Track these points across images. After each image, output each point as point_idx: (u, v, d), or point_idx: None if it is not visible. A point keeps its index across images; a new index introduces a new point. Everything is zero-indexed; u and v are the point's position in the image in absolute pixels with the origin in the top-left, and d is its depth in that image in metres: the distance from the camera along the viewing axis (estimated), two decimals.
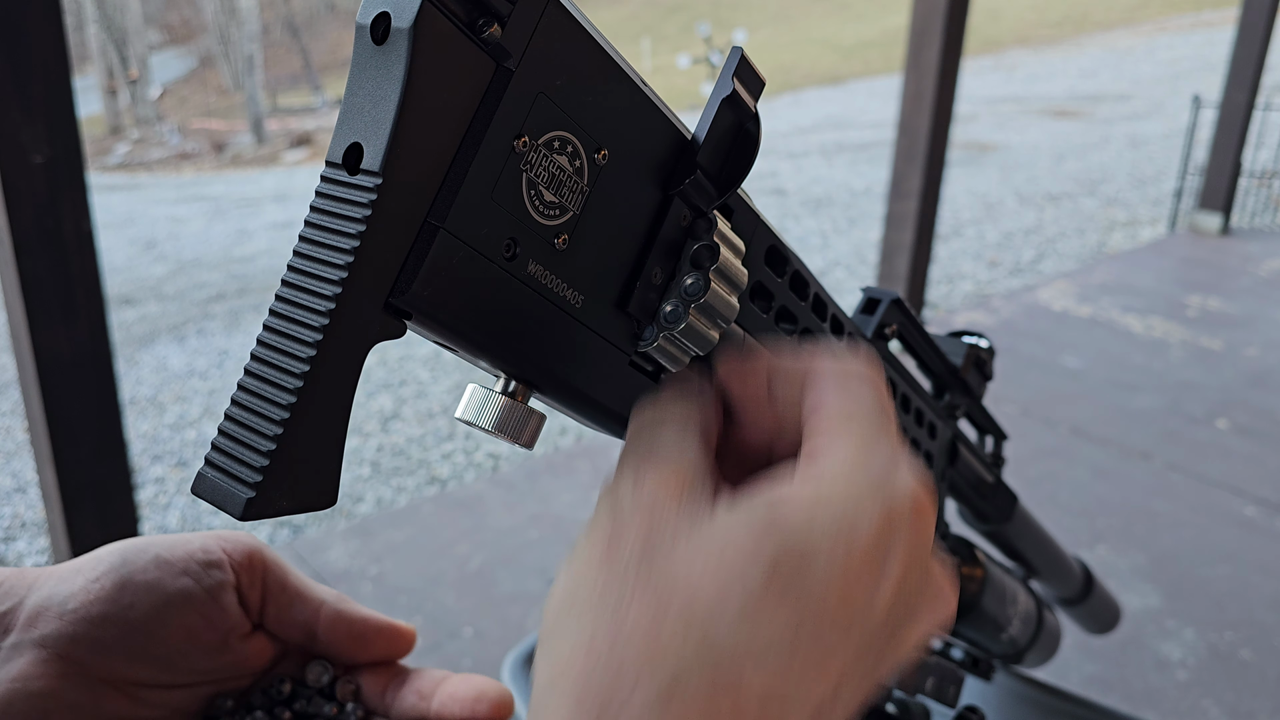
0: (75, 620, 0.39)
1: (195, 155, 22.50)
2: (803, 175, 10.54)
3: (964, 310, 5.39)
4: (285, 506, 0.28)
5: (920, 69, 3.87)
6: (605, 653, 0.28)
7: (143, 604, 0.41)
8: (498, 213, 0.31)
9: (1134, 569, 2.85)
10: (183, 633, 0.42)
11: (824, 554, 0.29)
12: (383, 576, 2.86)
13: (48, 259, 2.04)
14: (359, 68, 0.29)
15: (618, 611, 0.29)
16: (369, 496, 3.93)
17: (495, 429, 0.34)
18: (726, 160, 0.37)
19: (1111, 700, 2.28)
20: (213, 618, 0.42)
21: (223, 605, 0.43)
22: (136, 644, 0.40)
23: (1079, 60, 19.76)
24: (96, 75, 30.21)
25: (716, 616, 0.28)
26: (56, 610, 0.39)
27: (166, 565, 0.42)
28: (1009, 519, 0.74)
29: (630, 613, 0.29)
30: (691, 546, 0.29)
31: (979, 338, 0.66)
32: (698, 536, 0.30)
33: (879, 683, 0.32)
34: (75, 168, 2.03)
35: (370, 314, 0.29)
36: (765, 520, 0.30)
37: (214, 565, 0.43)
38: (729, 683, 0.28)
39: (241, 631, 0.44)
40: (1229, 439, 3.68)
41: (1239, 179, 6.45)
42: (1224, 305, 5.21)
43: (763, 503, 0.31)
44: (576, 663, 0.29)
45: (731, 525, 0.30)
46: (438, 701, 0.45)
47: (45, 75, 1.93)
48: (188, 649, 0.42)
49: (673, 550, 0.30)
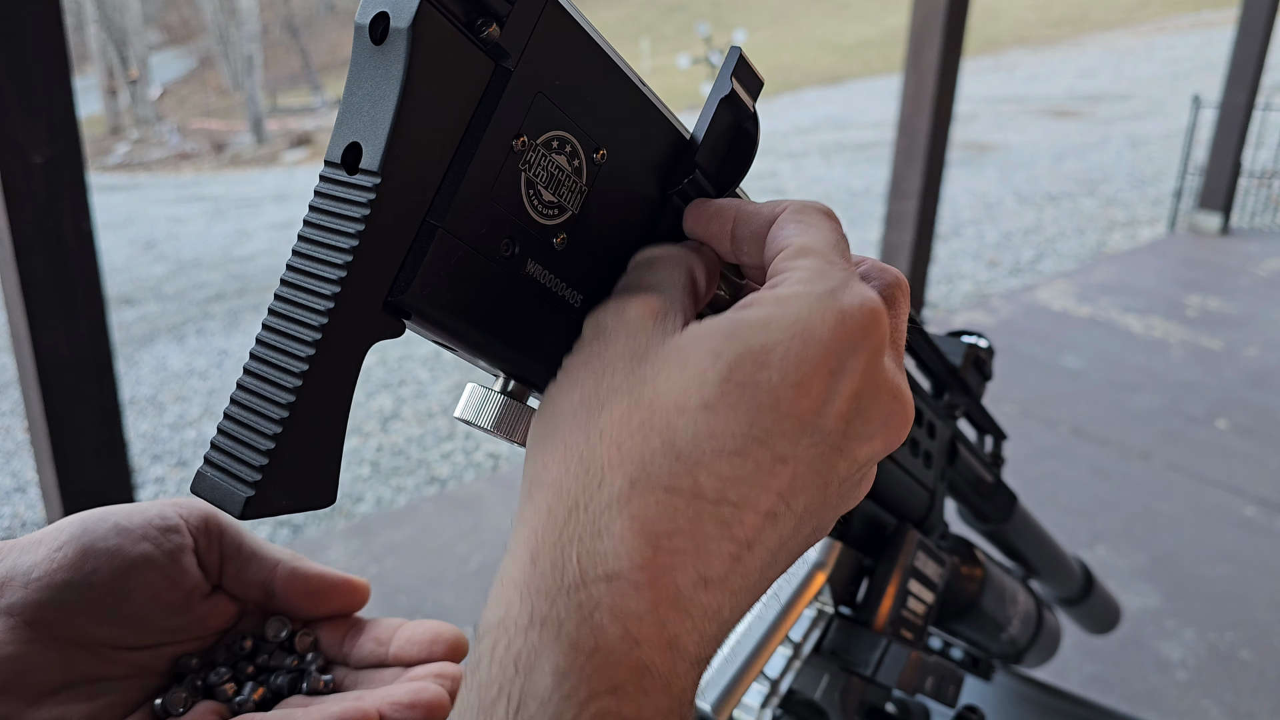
0: (40, 588, 0.41)
1: (195, 155, 22.49)
2: (802, 175, 10.54)
3: (963, 310, 5.39)
4: (284, 505, 0.28)
5: (920, 69, 3.87)
6: (577, 456, 0.30)
7: (105, 569, 0.42)
8: (496, 212, 0.31)
9: (1134, 569, 2.85)
10: (146, 595, 0.43)
11: (779, 352, 0.30)
12: (382, 576, 2.86)
13: (48, 259, 2.04)
14: (358, 68, 0.29)
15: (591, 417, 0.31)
16: (369, 496, 3.93)
17: (494, 428, 0.34)
18: (725, 160, 0.37)
19: (1111, 700, 2.28)
20: (174, 579, 0.44)
21: (183, 567, 0.44)
22: (102, 607, 0.42)
23: (1079, 60, 19.76)
24: (96, 75, 30.20)
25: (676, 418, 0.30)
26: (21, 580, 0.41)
27: (126, 532, 0.43)
28: (1009, 519, 0.74)
29: (601, 418, 0.31)
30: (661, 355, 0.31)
31: (978, 337, 0.66)
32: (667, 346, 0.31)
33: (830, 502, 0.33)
34: (75, 168, 2.03)
35: (369, 313, 0.29)
36: (726, 327, 0.31)
37: (171, 530, 0.45)
38: (683, 484, 0.29)
39: (201, 592, 0.46)
40: (1229, 439, 3.68)
41: (1239, 179, 6.45)
42: (1224, 305, 5.21)
43: (726, 316, 0.32)
44: (552, 467, 0.31)
45: (697, 333, 0.32)
46: (395, 646, 0.47)
47: (45, 75, 1.93)
48: (152, 610, 0.44)
49: (644, 361, 0.31)
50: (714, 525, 0.30)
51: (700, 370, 0.30)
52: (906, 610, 0.57)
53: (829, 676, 0.56)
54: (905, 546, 0.57)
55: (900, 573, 0.56)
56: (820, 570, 0.55)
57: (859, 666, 0.55)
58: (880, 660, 0.54)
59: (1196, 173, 6.96)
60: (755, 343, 0.30)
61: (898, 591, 0.56)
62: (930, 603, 0.59)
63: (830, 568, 0.55)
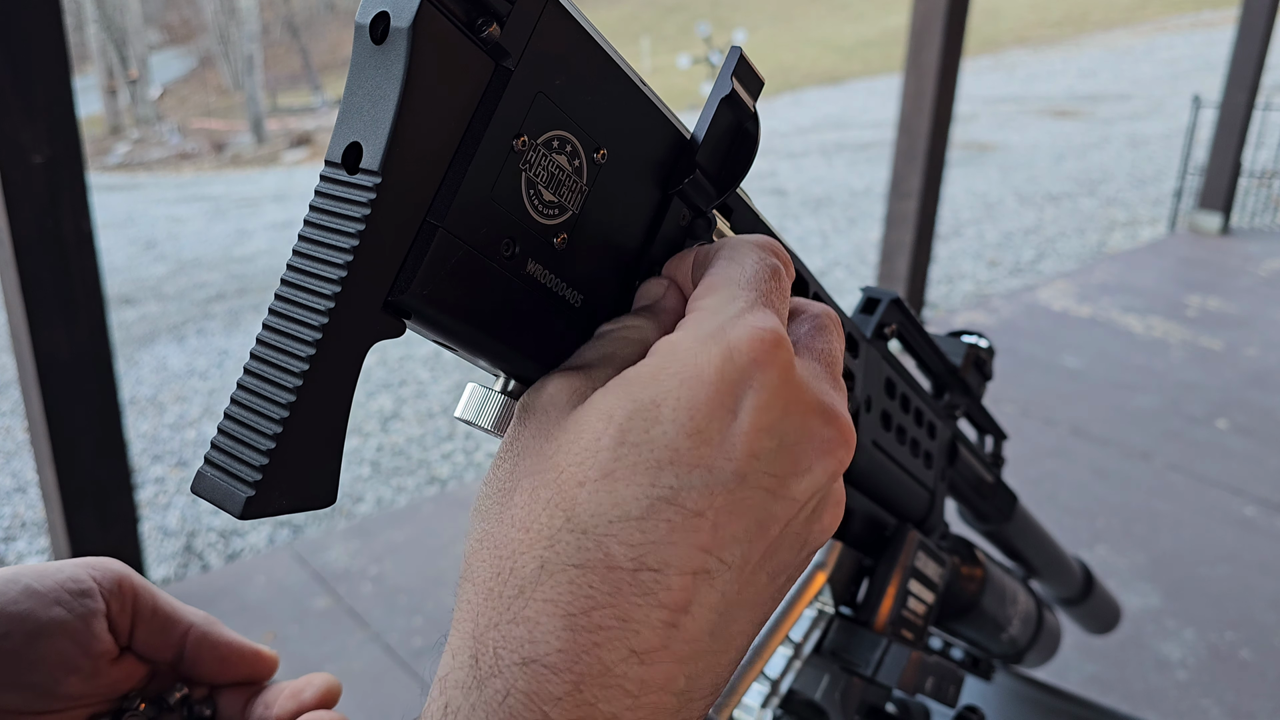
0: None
1: (195, 155, 22.49)
2: (802, 175, 10.54)
3: (964, 310, 5.39)
4: (284, 505, 0.28)
5: (920, 69, 3.87)
6: (491, 544, 0.30)
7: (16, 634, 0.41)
8: (497, 212, 0.31)
9: (1134, 569, 2.85)
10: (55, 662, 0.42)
11: (669, 403, 0.29)
12: (383, 576, 2.86)
13: (48, 259, 2.04)
14: (358, 67, 0.29)
15: (505, 503, 0.30)
16: (369, 496, 3.93)
17: (495, 428, 0.34)
18: (725, 160, 0.37)
19: (1111, 700, 2.28)
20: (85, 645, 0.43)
21: (94, 632, 0.44)
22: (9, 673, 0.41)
23: (1079, 60, 19.76)
24: (96, 75, 30.20)
25: (577, 491, 0.29)
26: None
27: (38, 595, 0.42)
28: (1009, 519, 0.74)
29: (513, 501, 0.30)
30: (562, 429, 0.30)
31: (978, 337, 0.66)
32: (568, 419, 0.30)
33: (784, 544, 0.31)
34: (75, 168, 2.03)
35: (369, 313, 0.29)
36: (616, 388, 0.30)
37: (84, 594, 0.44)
38: (594, 558, 0.28)
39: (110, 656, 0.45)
40: (1229, 439, 3.68)
41: (1239, 179, 6.45)
42: (1224, 305, 5.20)
43: (620, 375, 0.31)
44: (472, 558, 0.30)
45: (594, 400, 0.30)
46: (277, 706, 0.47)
47: (45, 75, 1.93)
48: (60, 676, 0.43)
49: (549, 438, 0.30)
50: (636, 595, 0.28)
51: (594, 437, 0.29)
52: (907, 610, 0.57)
53: (829, 677, 0.56)
54: (906, 547, 0.57)
55: (901, 573, 0.56)
56: (821, 570, 0.55)
57: (859, 667, 0.55)
58: (881, 660, 0.54)
59: (1197, 173, 6.96)
60: (644, 398, 0.29)
61: (898, 592, 0.56)
62: (931, 603, 0.59)
63: (830, 568, 0.55)
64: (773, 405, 0.30)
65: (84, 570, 0.44)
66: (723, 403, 0.29)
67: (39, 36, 1.90)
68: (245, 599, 2.77)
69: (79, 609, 0.43)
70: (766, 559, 0.30)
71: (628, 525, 0.28)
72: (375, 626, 2.63)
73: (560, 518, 0.29)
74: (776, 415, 0.30)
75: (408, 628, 2.62)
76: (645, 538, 0.28)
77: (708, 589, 0.29)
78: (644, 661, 0.28)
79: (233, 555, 3.53)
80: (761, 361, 0.30)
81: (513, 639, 0.28)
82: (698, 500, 0.28)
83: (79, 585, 0.44)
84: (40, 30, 1.90)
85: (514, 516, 0.30)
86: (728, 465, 0.29)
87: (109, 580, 0.45)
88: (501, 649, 0.28)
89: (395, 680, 2.43)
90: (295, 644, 2.56)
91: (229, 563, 3.47)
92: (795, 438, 0.30)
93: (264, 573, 2.92)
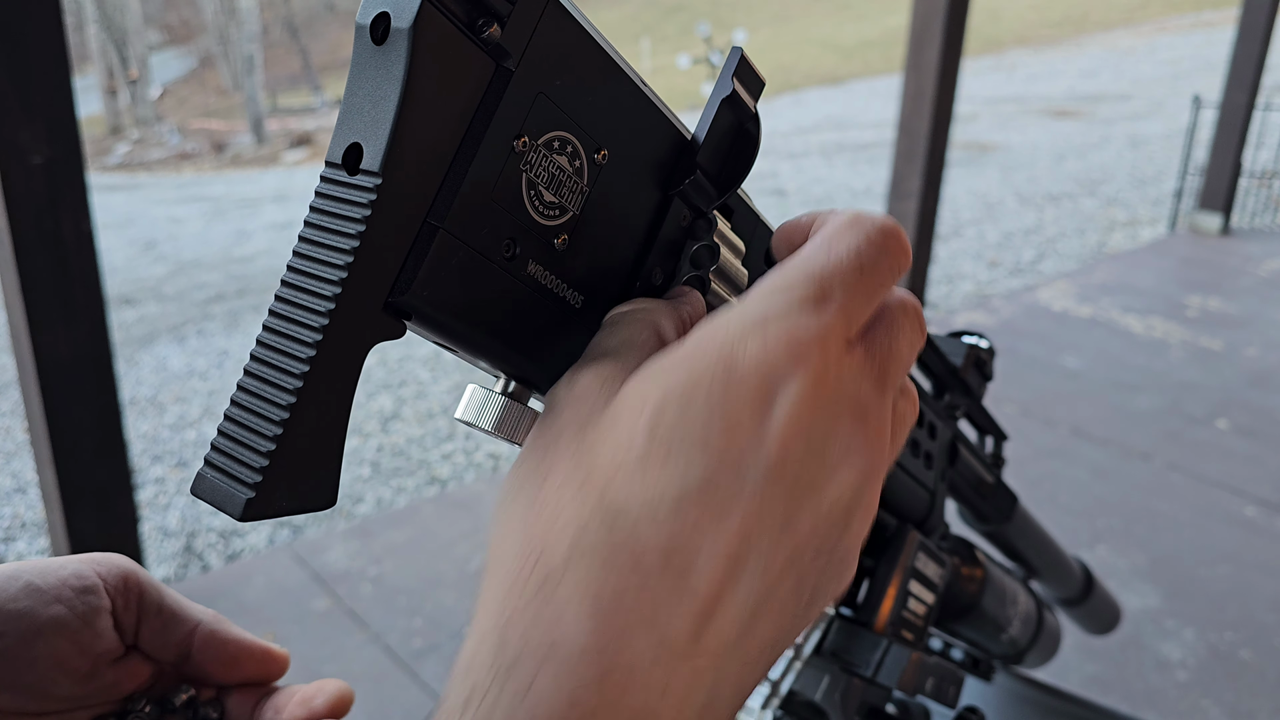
0: None
1: (195, 155, 22.49)
2: (803, 175, 10.54)
3: (964, 310, 5.39)
4: (285, 507, 0.28)
5: (920, 69, 3.87)
6: (519, 531, 0.29)
7: (13, 633, 0.40)
8: (497, 213, 0.31)
9: (1134, 569, 2.85)
10: (51, 663, 0.41)
11: (704, 387, 0.28)
12: (382, 577, 2.86)
13: (48, 259, 2.04)
14: (359, 68, 0.29)
15: (535, 491, 0.30)
16: (369, 497, 3.93)
17: (495, 429, 0.34)
18: (726, 160, 0.37)
19: (1111, 700, 2.28)
20: (85, 644, 0.42)
21: (97, 630, 0.43)
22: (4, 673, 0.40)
23: (1079, 60, 19.76)
24: (96, 75, 30.20)
25: (611, 476, 0.28)
26: None
27: (38, 593, 0.41)
28: (1009, 519, 0.74)
29: (544, 489, 0.30)
30: (602, 418, 0.30)
31: (979, 338, 0.65)
32: (608, 408, 0.30)
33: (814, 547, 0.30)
34: (75, 168, 2.03)
35: (370, 314, 0.29)
36: (652, 369, 0.30)
37: (89, 590, 0.43)
38: (624, 541, 0.28)
39: (113, 656, 0.44)
40: (1229, 439, 3.68)
41: (1239, 179, 6.45)
42: (1224, 305, 5.21)
43: (659, 355, 0.30)
44: (498, 546, 0.30)
45: (632, 383, 0.30)
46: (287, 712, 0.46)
47: (45, 75, 1.93)
48: (57, 677, 0.42)
49: (588, 427, 0.30)
50: (667, 581, 0.28)
51: (631, 422, 0.29)
52: (907, 611, 0.57)
53: (829, 677, 0.56)
54: (906, 547, 0.57)
55: (901, 573, 0.56)
56: None
57: (860, 667, 0.55)
58: (881, 661, 0.54)
59: (1197, 173, 6.96)
60: (678, 381, 0.29)
61: (898, 592, 0.56)
62: (931, 603, 0.59)
63: None
64: (810, 404, 0.29)
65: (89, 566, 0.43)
66: (755, 399, 0.28)
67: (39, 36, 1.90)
68: (245, 600, 2.77)
69: (82, 606, 0.42)
70: (790, 565, 0.30)
71: (659, 510, 0.28)
72: (375, 627, 2.63)
73: (592, 503, 0.28)
74: (815, 415, 0.29)
75: (407, 629, 2.62)
76: (677, 524, 0.28)
77: (734, 586, 0.29)
78: (673, 654, 0.28)
79: (232, 556, 3.53)
80: (796, 359, 0.29)
81: (541, 623, 0.28)
82: (728, 492, 0.28)
83: (83, 581, 0.43)
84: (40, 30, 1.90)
85: (545, 503, 0.29)
86: (759, 461, 0.29)
87: (114, 576, 0.44)
88: (529, 633, 0.28)
89: (395, 681, 2.43)
90: (295, 645, 2.56)
91: (229, 563, 3.47)
92: (827, 439, 0.30)
93: (264, 573, 2.92)
